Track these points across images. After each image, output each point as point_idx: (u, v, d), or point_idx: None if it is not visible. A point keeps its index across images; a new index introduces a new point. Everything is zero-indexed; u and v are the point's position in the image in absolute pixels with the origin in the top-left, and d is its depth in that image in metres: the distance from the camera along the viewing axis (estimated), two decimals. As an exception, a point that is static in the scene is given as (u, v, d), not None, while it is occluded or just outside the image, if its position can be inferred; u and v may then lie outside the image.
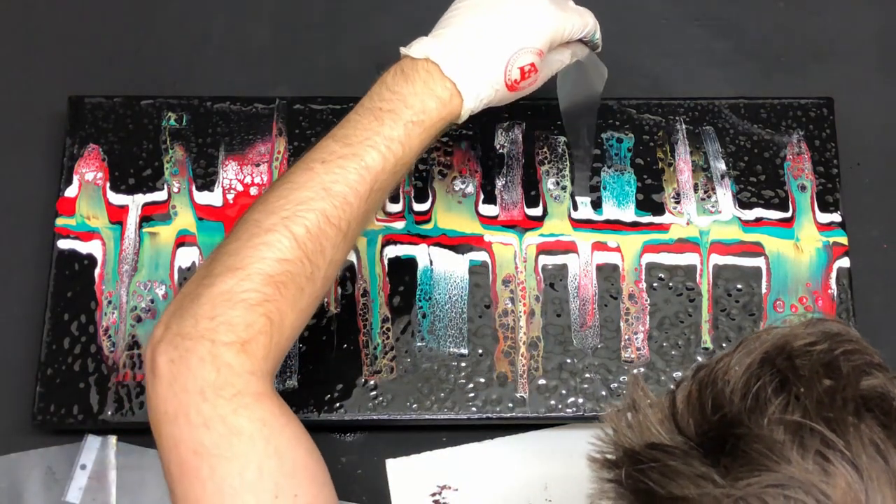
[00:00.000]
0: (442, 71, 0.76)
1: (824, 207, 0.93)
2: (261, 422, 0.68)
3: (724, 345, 0.89)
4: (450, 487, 0.87)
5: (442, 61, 0.76)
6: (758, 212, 0.93)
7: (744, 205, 0.93)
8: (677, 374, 0.88)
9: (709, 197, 0.93)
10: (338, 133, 0.76)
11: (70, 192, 0.92)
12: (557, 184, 0.93)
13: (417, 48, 0.78)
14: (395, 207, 0.92)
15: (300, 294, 0.72)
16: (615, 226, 0.92)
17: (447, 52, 0.77)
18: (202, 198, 0.92)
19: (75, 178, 0.92)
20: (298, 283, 0.72)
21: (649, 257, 0.91)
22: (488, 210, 0.92)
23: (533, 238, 0.92)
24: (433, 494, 0.87)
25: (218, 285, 0.70)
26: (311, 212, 0.73)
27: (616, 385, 0.88)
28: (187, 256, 0.91)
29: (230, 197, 0.92)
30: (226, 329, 0.69)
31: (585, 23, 0.82)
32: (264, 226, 0.72)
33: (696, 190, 0.93)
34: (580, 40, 0.83)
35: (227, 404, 0.68)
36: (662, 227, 0.92)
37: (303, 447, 0.70)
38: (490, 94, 0.78)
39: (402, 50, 0.78)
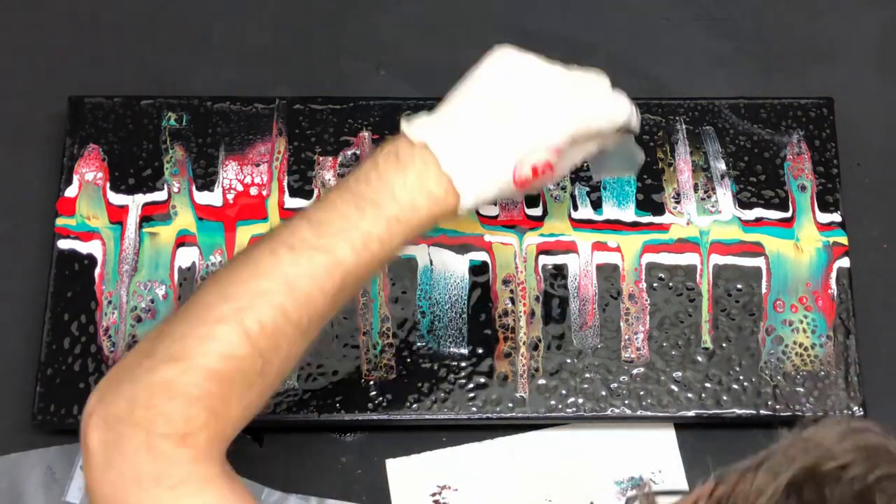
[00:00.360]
0: (439, 165, 0.68)
1: (824, 207, 0.93)
2: None
3: (723, 345, 0.89)
4: (450, 487, 0.87)
5: (441, 153, 0.68)
6: (758, 212, 0.93)
7: (744, 205, 0.93)
8: (677, 374, 0.88)
9: (709, 197, 0.93)
10: (313, 216, 0.68)
11: (70, 192, 0.92)
12: (557, 184, 0.93)
13: (418, 130, 0.69)
14: (395, 207, 0.92)
15: (248, 389, 0.66)
16: (615, 226, 0.92)
17: (448, 143, 0.68)
18: (202, 198, 0.92)
19: (75, 178, 0.92)
20: (247, 378, 0.65)
21: (649, 257, 0.91)
22: (488, 210, 0.92)
23: (533, 238, 0.92)
24: (433, 494, 0.87)
25: (159, 372, 0.64)
26: (269, 306, 0.65)
27: (616, 385, 0.88)
28: (187, 256, 0.91)
29: (230, 197, 0.92)
30: (163, 421, 0.63)
31: (617, 116, 0.73)
32: (215, 313, 0.65)
33: (696, 190, 0.93)
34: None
35: (168, 494, 0.62)
36: (662, 227, 0.92)
37: None
38: (493, 193, 0.70)
39: (403, 125, 0.70)
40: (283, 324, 0.66)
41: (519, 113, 0.70)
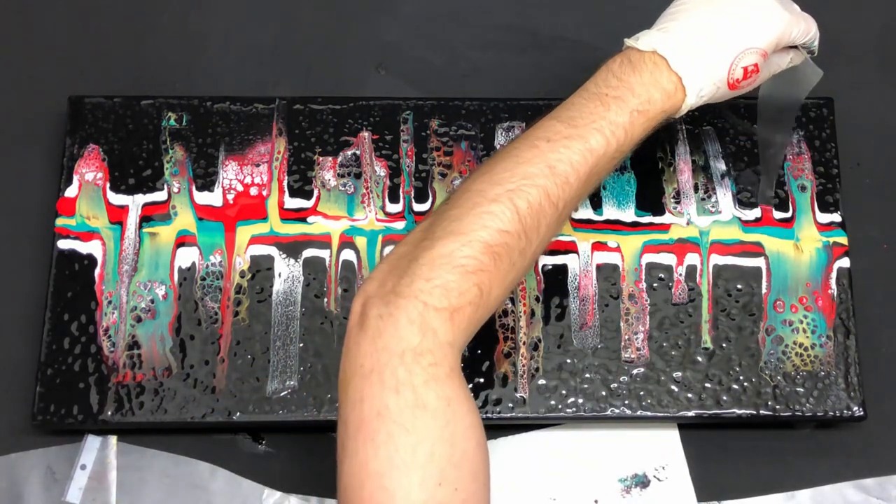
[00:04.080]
0: (669, 65, 0.78)
1: (824, 207, 0.93)
2: (446, 401, 0.67)
3: (723, 345, 0.89)
4: (450, 487, 0.87)
5: (670, 56, 0.78)
6: (758, 212, 0.93)
7: (744, 205, 0.93)
8: (677, 375, 0.88)
9: (709, 197, 0.93)
10: (562, 114, 0.77)
11: (70, 192, 0.92)
12: (557, 184, 0.93)
13: (645, 41, 0.79)
14: (396, 207, 0.92)
15: (510, 268, 0.72)
16: (615, 226, 0.92)
17: (675, 48, 0.78)
18: (202, 198, 0.92)
19: (75, 178, 0.92)
20: (512, 257, 0.72)
21: (649, 257, 0.91)
22: (488, 210, 0.92)
23: (533, 238, 0.91)
24: (433, 494, 0.87)
25: (438, 248, 0.70)
26: (535, 187, 0.73)
27: (616, 385, 0.88)
28: (187, 256, 0.91)
29: (230, 197, 0.92)
30: (440, 293, 0.69)
31: (809, 28, 0.83)
32: (488, 196, 0.72)
33: (696, 190, 0.93)
34: (798, 46, 0.84)
35: (422, 373, 0.67)
36: (662, 227, 0.92)
37: (474, 440, 0.69)
38: (711, 92, 0.80)
39: (628, 41, 0.80)
40: (546, 204, 0.74)
41: (734, 18, 0.79)
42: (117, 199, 0.92)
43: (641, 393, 0.88)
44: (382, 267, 0.72)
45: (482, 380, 0.88)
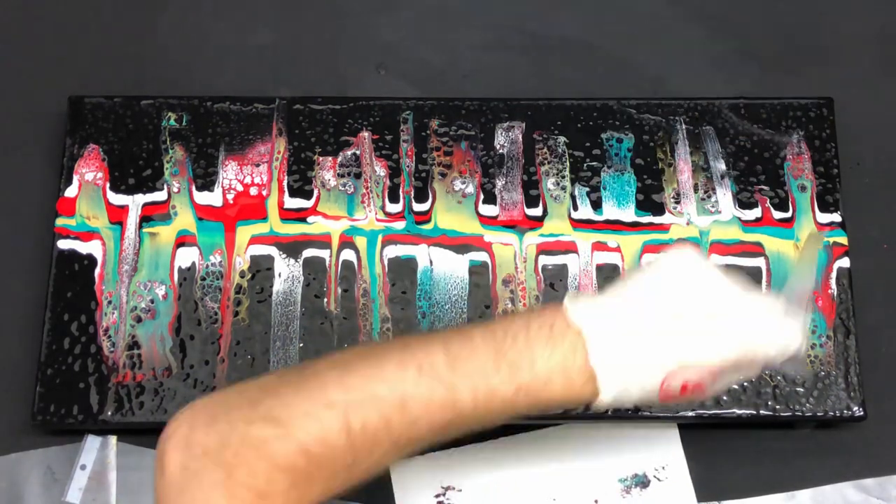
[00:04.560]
0: (588, 357, 0.65)
1: (824, 207, 0.93)
2: None
3: (724, 345, 0.89)
4: (454, 488, 0.87)
5: (592, 346, 0.65)
6: (758, 212, 0.93)
7: (744, 205, 0.93)
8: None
9: (709, 197, 0.93)
10: (453, 345, 0.66)
11: (70, 192, 0.92)
12: (557, 184, 0.93)
13: (580, 312, 0.66)
14: (396, 207, 0.92)
15: (331, 477, 0.65)
16: (615, 226, 0.92)
17: (604, 338, 0.65)
18: (202, 198, 0.92)
19: (75, 178, 0.92)
20: (334, 468, 0.65)
21: (649, 257, 0.91)
22: (488, 210, 0.92)
23: (533, 238, 0.92)
24: (437, 496, 0.87)
25: (256, 429, 0.63)
26: (377, 413, 0.65)
27: (616, 385, 0.88)
28: (187, 256, 0.91)
29: (230, 197, 0.92)
30: (247, 473, 0.62)
31: (789, 348, 0.68)
32: (327, 396, 0.65)
33: (696, 190, 0.93)
34: None
35: None
36: (662, 227, 0.92)
37: None
38: (636, 398, 0.66)
39: (566, 299, 0.68)
40: (384, 435, 0.65)
41: (685, 328, 0.66)
42: (117, 199, 0.92)
43: (641, 393, 0.87)
44: (205, 405, 0.66)
45: (482, 380, 0.88)
